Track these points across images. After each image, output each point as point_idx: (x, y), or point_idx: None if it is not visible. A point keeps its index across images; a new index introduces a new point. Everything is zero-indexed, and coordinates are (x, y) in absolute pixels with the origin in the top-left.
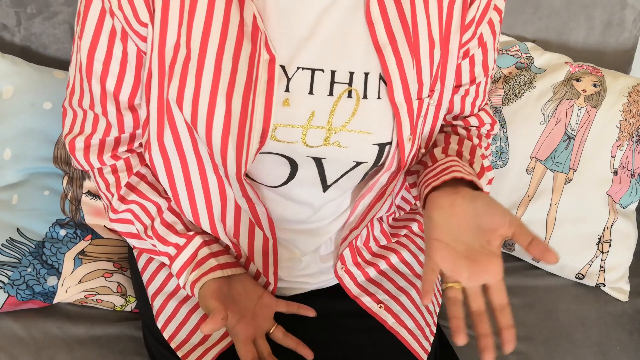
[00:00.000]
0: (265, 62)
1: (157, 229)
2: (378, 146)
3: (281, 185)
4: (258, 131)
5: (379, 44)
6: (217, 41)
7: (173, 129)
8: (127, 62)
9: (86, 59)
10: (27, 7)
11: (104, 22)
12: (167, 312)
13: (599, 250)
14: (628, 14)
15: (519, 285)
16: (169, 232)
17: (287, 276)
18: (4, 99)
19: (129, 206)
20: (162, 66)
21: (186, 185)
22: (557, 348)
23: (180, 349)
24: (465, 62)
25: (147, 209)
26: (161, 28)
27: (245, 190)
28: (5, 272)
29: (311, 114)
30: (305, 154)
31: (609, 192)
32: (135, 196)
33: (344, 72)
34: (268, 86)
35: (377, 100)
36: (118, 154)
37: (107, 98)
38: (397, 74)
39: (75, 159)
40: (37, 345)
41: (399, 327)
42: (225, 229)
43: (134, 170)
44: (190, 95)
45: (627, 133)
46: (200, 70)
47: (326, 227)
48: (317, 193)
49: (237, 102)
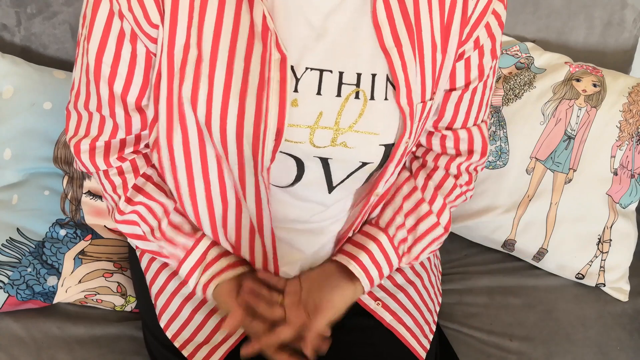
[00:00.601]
0: (277, 61)
1: (165, 231)
2: (384, 147)
3: (289, 186)
4: (273, 130)
5: (386, 46)
6: (228, 42)
7: (183, 129)
8: (135, 64)
9: (94, 62)
10: (27, 7)
11: (112, 24)
12: (170, 311)
13: (599, 250)
14: (628, 14)
15: (519, 285)
16: (176, 232)
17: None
18: (4, 99)
19: (135, 207)
20: (171, 67)
21: (189, 187)
22: (557, 348)
23: (185, 348)
24: (460, 65)
25: (153, 210)
26: (170, 29)
27: (259, 191)
28: (5, 272)
29: (319, 114)
30: (312, 154)
31: (609, 192)
32: (142, 197)
33: (352, 74)
34: (281, 86)
35: (384, 102)
36: (124, 156)
37: (115, 100)
38: (402, 76)
39: (81, 161)
40: (37, 345)
41: (397, 325)
42: (226, 233)
43: (140, 172)
44: (204, 97)
45: (627, 133)
46: (212, 72)
47: (328, 227)
48: (323, 194)
49: (251, 102)
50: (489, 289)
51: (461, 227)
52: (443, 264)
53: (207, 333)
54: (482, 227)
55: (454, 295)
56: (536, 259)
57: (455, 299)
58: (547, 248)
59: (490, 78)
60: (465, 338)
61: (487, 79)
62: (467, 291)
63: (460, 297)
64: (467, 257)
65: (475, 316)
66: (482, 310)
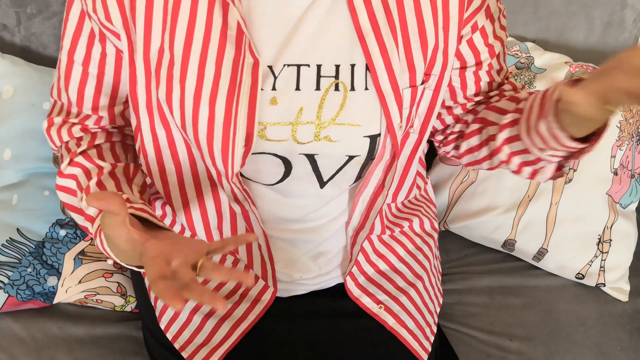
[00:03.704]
0: (250, 65)
1: (90, 188)
2: (369, 138)
3: (277, 183)
4: (242, 135)
5: (362, 32)
6: (200, 46)
7: (168, 132)
8: (105, 64)
9: (66, 60)
10: (27, 7)
11: (83, 24)
12: (170, 312)
13: (599, 250)
14: (628, 14)
15: (519, 285)
16: (98, 190)
17: (286, 278)
18: (4, 99)
19: (74, 170)
20: (148, 70)
21: (180, 191)
22: (557, 348)
23: (185, 350)
24: (478, 36)
25: (89, 171)
26: (145, 32)
27: (236, 195)
28: (5, 272)
29: (299, 110)
30: (297, 151)
31: (609, 192)
32: (82, 159)
33: (330, 65)
34: (252, 89)
35: (365, 92)
36: (88, 128)
37: (82, 101)
38: (381, 62)
39: (49, 135)
40: (37, 345)
41: (400, 328)
42: (222, 235)
43: (95, 142)
44: (178, 100)
45: (627, 133)
46: (184, 76)
47: (325, 225)
48: (314, 190)
49: (221, 106)
50: (489, 289)
51: (461, 227)
52: (443, 264)
53: (206, 334)
54: (482, 227)
55: (454, 295)
56: (536, 259)
57: (455, 299)
58: (547, 248)
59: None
60: (465, 338)
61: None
62: (467, 291)
63: (460, 297)
64: (467, 257)
65: (475, 316)
66: (482, 310)
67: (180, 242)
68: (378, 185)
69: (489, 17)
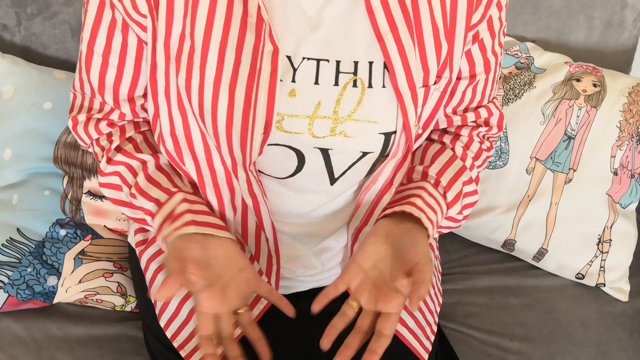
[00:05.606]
0: (269, 53)
1: (140, 184)
2: (384, 135)
3: (289, 177)
4: (261, 123)
5: (380, 32)
6: (220, 33)
7: (184, 119)
8: (126, 54)
9: (86, 50)
10: (27, 7)
11: (103, 14)
12: (169, 311)
13: (599, 250)
14: (628, 14)
15: (519, 285)
16: (151, 186)
17: (289, 274)
18: (4, 99)
19: (116, 167)
20: (167, 57)
21: (197, 178)
22: (557, 348)
23: (183, 349)
24: (476, 48)
25: (132, 167)
26: (167, 19)
27: (251, 184)
28: (5, 272)
29: (317, 104)
30: (311, 144)
31: (609, 192)
32: (122, 156)
33: (349, 62)
34: (271, 77)
35: (382, 89)
36: (115, 122)
37: (104, 90)
38: (399, 61)
39: (77, 135)
40: (37, 345)
41: (400, 327)
42: (235, 216)
43: (126, 135)
44: (197, 87)
45: (627, 133)
46: (204, 62)
47: (331, 221)
48: (325, 186)
49: (240, 94)
50: (489, 289)
51: (461, 227)
52: (443, 264)
53: None
54: (482, 227)
55: (454, 295)
56: (536, 259)
57: (455, 299)
58: (547, 248)
59: (501, 56)
60: (465, 338)
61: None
62: (467, 291)
63: (460, 297)
64: (467, 257)
65: (475, 316)
66: (482, 310)
67: (231, 286)
68: (386, 182)
69: (491, 29)
